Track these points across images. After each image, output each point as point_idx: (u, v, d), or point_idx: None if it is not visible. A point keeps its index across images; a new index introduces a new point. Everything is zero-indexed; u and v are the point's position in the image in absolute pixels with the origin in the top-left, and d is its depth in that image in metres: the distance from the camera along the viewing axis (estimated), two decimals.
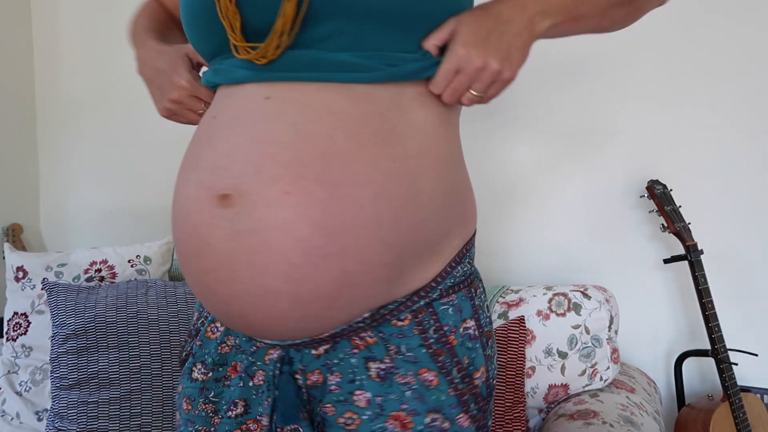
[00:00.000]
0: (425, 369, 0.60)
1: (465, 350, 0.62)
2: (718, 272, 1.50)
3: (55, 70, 2.22)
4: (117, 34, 2.13)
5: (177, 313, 1.40)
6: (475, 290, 0.65)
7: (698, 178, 1.52)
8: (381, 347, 0.60)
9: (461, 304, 0.63)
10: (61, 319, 1.35)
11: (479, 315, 0.64)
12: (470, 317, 0.63)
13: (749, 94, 1.47)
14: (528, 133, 1.65)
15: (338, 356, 0.61)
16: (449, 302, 0.62)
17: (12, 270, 1.54)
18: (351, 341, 0.60)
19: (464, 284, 0.64)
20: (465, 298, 0.63)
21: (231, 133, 0.56)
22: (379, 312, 0.59)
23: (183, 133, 2.21)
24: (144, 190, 2.13)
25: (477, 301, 0.65)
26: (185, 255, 0.59)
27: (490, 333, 0.66)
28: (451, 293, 0.62)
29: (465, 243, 0.65)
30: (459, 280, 0.63)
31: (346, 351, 0.61)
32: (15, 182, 2.17)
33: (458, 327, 0.62)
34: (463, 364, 0.61)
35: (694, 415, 1.39)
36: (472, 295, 0.64)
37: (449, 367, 0.60)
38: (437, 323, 0.61)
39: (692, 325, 1.56)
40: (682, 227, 1.39)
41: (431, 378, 0.60)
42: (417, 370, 0.59)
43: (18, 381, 1.46)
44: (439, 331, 0.61)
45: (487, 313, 0.67)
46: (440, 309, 0.61)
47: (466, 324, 0.63)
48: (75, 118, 2.21)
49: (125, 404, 1.31)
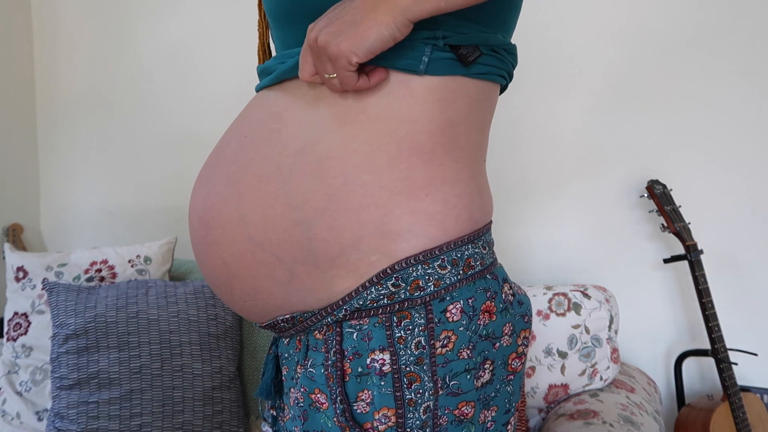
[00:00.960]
0: (318, 390, 0.57)
1: (366, 384, 0.55)
2: (718, 272, 1.50)
3: (55, 70, 2.22)
4: (117, 34, 2.14)
5: (177, 313, 1.40)
6: (401, 320, 0.55)
7: (698, 178, 1.52)
8: (302, 354, 0.61)
9: (372, 331, 0.55)
10: (62, 319, 1.35)
11: (397, 350, 0.55)
12: (381, 349, 0.55)
13: (749, 94, 1.47)
14: (528, 134, 1.65)
15: (289, 351, 0.64)
16: (357, 326, 0.56)
17: (12, 270, 1.54)
18: (296, 340, 0.62)
19: (385, 309, 0.55)
20: (380, 326, 0.55)
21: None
22: (296, 318, 0.59)
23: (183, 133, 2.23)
24: (144, 190, 2.13)
25: (401, 333, 0.55)
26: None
27: (413, 374, 0.55)
28: (363, 316, 0.55)
29: (392, 263, 0.55)
30: (378, 303, 0.55)
31: (294, 346, 0.63)
32: (15, 182, 2.17)
33: (362, 356, 0.55)
34: (351, 396, 0.55)
35: (694, 415, 1.39)
36: (392, 324, 0.55)
37: (334, 396, 0.55)
38: (338, 345, 0.56)
39: (692, 324, 1.56)
40: (682, 227, 1.39)
41: (323, 401, 0.56)
42: (312, 389, 0.57)
43: (18, 381, 1.46)
44: (337, 354, 0.56)
45: (415, 352, 0.55)
46: (346, 330, 0.56)
47: (374, 355, 0.55)
48: (75, 118, 2.21)
49: (125, 404, 1.31)
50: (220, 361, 1.41)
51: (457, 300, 0.57)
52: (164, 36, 2.06)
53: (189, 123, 2.05)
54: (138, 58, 2.10)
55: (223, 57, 1.98)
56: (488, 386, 0.60)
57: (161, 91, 2.08)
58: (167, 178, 2.10)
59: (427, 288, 0.56)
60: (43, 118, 2.25)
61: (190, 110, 2.04)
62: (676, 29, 1.51)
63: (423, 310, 0.56)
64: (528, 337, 0.64)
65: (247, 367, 1.53)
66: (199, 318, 1.42)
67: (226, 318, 1.45)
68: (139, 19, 2.09)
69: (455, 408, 0.57)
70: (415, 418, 0.56)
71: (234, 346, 1.46)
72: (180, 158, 2.07)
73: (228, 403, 1.41)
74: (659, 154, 1.54)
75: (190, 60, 2.03)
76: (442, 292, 0.56)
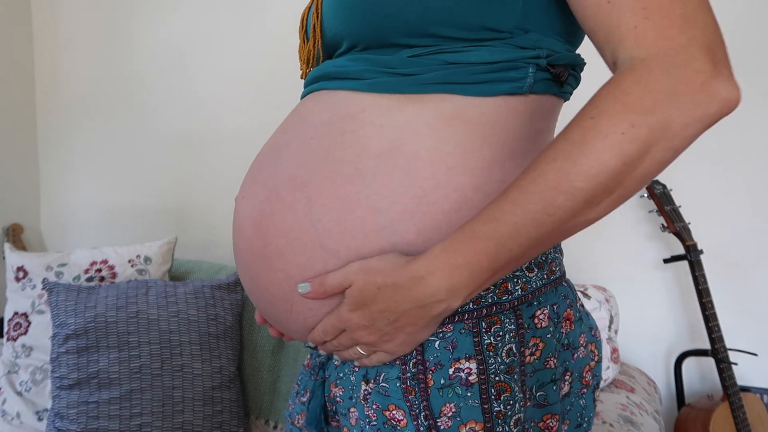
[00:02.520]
0: (394, 405, 0.52)
1: (449, 396, 0.51)
2: (718, 272, 1.50)
3: (55, 70, 2.22)
4: (117, 35, 2.14)
5: (177, 313, 1.40)
6: (491, 326, 0.53)
7: (698, 178, 1.52)
8: (372, 369, 0.55)
9: (457, 338, 0.52)
10: (62, 319, 1.35)
11: (486, 358, 0.52)
12: (468, 357, 0.52)
13: (749, 94, 1.47)
14: None
15: (344, 370, 0.58)
16: (439, 333, 0.52)
17: (12, 270, 1.54)
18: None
19: (472, 315, 0.52)
20: (466, 332, 0.52)
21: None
22: None
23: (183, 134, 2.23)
24: (144, 190, 2.13)
25: (489, 339, 0.52)
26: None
27: (503, 384, 0.52)
28: (446, 323, 0.52)
29: None
30: (461, 309, 0.52)
31: (350, 366, 0.58)
32: (15, 182, 2.17)
33: (444, 366, 0.52)
34: (435, 411, 0.51)
35: (694, 415, 1.39)
36: (480, 331, 0.52)
37: (417, 411, 0.51)
38: (419, 355, 0.52)
39: (692, 325, 1.56)
40: (682, 227, 1.39)
41: (400, 417, 0.52)
42: (385, 405, 0.53)
43: (18, 381, 1.46)
44: (418, 366, 0.52)
45: (506, 360, 0.52)
46: (426, 340, 0.53)
47: (459, 364, 0.51)
48: (75, 118, 2.21)
49: (125, 404, 1.31)
50: (220, 361, 1.41)
51: (544, 305, 0.55)
52: (164, 36, 2.06)
53: (189, 123, 2.05)
54: (138, 58, 2.10)
55: (223, 57, 1.98)
56: (566, 399, 0.59)
57: (161, 91, 2.08)
58: (167, 178, 2.09)
59: (515, 292, 0.54)
60: (43, 118, 2.25)
61: (190, 110, 2.04)
62: None
63: (512, 315, 0.53)
64: (595, 352, 0.62)
65: (247, 367, 1.53)
66: (199, 318, 1.42)
67: (226, 318, 1.45)
68: (139, 20, 2.09)
69: (540, 420, 0.55)
70: (505, 431, 0.52)
71: (234, 346, 1.46)
72: (180, 158, 2.07)
73: (228, 403, 1.41)
74: None
75: (190, 60, 2.03)
76: (530, 297, 0.54)
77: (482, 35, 0.53)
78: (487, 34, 0.53)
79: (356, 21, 0.56)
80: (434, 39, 0.54)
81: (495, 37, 0.54)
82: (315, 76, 0.61)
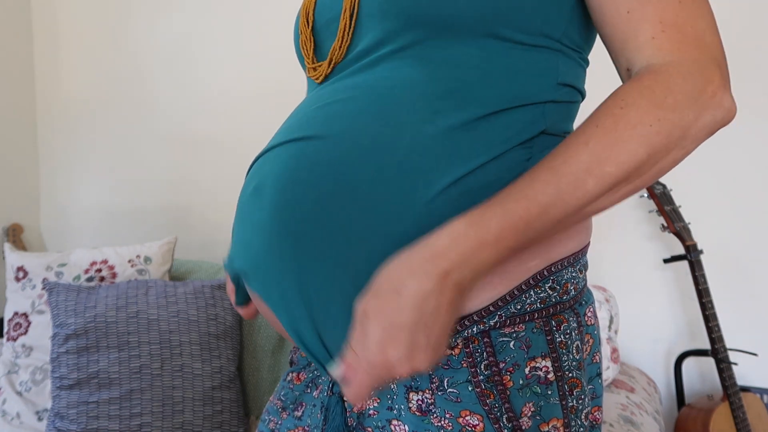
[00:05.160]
0: (468, 411, 0.50)
1: (527, 396, 0.51)
2: (718, 272, 1.50)
3: (55, 70, 2.22)
4: (117, 34, 2.14)
5: (177, 313, 1.40)
6: (559, 324, 0.53)
7: (698, 178, 1.52)
8: (425, 377, 0.52)
9: (530, 337, 0.52)
10: (62, 319, 1.35)
11: (560, 355, 0.52)
12: (543, 356, 0.52)
13: (749, 94, 1.47)
14: None
15: None
16: (512, 333, 0.51)
17: (12, 270, 1.54)
18: None
19: (541, 314, 0.52)
20: (539, 331, 0.52)
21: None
22: None
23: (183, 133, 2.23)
24: (144, 190, 2.13)
25: (561, 337, 0.53)
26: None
27: (575, 380, 0.53)
28: (518, 322, 0.52)
29: (548, 264, 0.53)
30: (532, 308, 0.52)
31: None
32: (15, 182, 2.17)
33: (521, 366, 0.51)
34: (516, 412, 0.50)
35: (694, 415, 1.39)
36: (552, 329, 0.52)
37: (497, 413, 0.50)
38: (491, 357, 0.51)
39: (692, 325, 1.56)
40: (682, 227, 1.39)
41: (475, 422, 0.50)
42: (457, 412, 0.51)
43: (18, 381, 1.46)
44: (492, 368, 0.51)
45: (576, 356, 0.53)
46: (498, 340, 0.51)
47: (535, 363, 0.51)
48: (75, 118, 2.21)
49: (125, 404, 1.31)
50: (220, 361, 1.41)
51: (590, 304, 0.58)
52: (164, 36, 2.06)
53: (189, 123, 2.05)
54: (138, 58, 2.10)
55: (223, 57, 1.98)
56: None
57: (161, 91, 2.08)
58: (167, 178, 2.09)
59: (571, 291, 0.55)
60: (43, 118, 2.25)
61: (190, 110, 2.04)
62: None
63: (572, 314, 0.54)
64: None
65: (247, 367, 1.53)
66: (199, 318, 1.42)
67: (226, 318, 1.45)
68: (139, 19, 2.09)
69: (590, 413, 0.57)
70: (578, 425, 0.54)
71: (234, 346, 1.46)
72: (180, 158, 2.07)
73: (228, 403, 1.41)
74: None
75: (190, 60, 2.03)
76: (579, 296, 0.56)
77: (538, 41, 0.54)
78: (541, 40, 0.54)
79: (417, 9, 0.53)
80: (495, 40, 0.53)
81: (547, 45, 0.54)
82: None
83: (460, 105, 0.52)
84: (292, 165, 0.54)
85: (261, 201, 0.55)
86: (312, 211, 0.51)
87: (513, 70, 0.53)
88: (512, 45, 0.53)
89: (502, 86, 0.53)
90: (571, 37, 0.56)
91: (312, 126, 0.55)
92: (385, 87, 0.53)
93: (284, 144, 0.57)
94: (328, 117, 0.54)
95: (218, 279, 1.51)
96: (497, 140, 0.52)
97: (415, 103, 0.52)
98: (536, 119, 0.54)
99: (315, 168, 0.52)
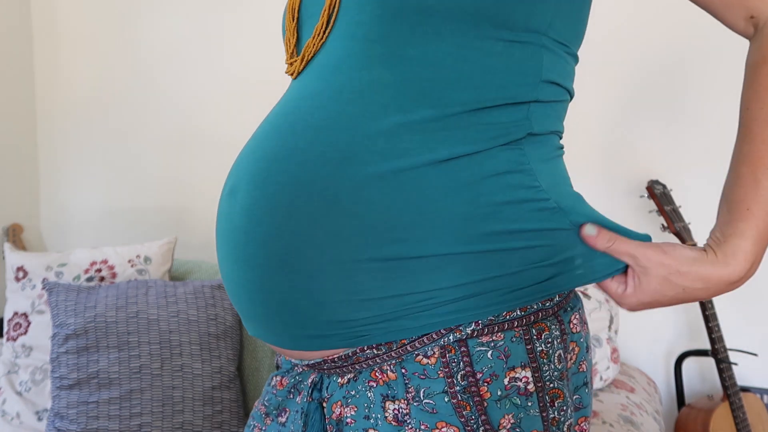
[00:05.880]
0: (444, 423, 0.49)
1: (506, 408, 0.50)
2: None
3: (55, 70, 2.22)
4: (117, 34, 2.14)
5: (177, 313, 1.40)
6: (540, 333, 0.51)
7: (698, 178, 1.52)
8: (401, 386, 0.51)
9: (509, 347, 0.50)
10: (61, 319, 1.35)
11: (540, 365, 0.51)
12: (523, 366, 0.50)
13: None
14: None
15: (357, 387, 0.55)
16: (490, 343, 0.50)
17: (12, 270, 1.54)
18: (371, 373, 0.54)
19: (521, 322, 0.51)
20: (518, 340, 0.50)
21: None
22: (394, 344, 0.52)
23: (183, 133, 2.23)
24: (144, 190, 2.13)
25: (542, 346, 0.51)
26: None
27: (557, 390, 0.52)
28: (496, 331, 0.50)
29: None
30: (511, 315, 0.50)
31: (365, 383, 0.54)
32: (15, 182, 2.17)
33: (499, 376, 0.50)
34: (494, 425, 0.49)
35: (694, 415, 1.39)
36: (532, 338, 0.51)
37: (474, 426, 0.49)
38: (468, 367, 0.50)
39: (692, 325, 1.56)
40: (682, 227, 1.39)
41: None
42: (433, 424, 0.50)
43: (18, 381, 1.46)
44: (468, 378, 0.50)
45: (558, 365, 0.52)
46: (475, 350, 0.50)
47: (515, 374, 0.50)
48: (75, 118, 2.21)
49: (125, 404, 1.31)
50: (220, 361, 1.41)
51: (576, 310, 0.56)
52: (164, 35, 2.06)
53: (189, 123, 2.05)
54: (138, 58, 2.10)
55: (222, 57, 1.98)
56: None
57: (161, 91, 2.08)
58: (167, 178, 2.09)
59: (555, 298, 0.53)
60: (43, 118, 2.25)
61: (190, 110, 2.04)
62: (678, 31, 1.51)
63: (555, 321, 0.53)
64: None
65: (247, 367, 1.53)
66: (199, 318, 1.42)
67: (226, 318, 1.45)
68: (139, 19, 2.09)
69: (576, 424, 0.55)
70: None
71: (234, 346, 1.46)
72: (180, 158, 2.07)
73: (228, 403, 1.41)
74: (659, 154, 1.54)
75: (190, 60, 2.03)
76: (564, 303, 0.54)
77: (520, 37, 0.52)
78: (525, 36, 0.52)
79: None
80: (474, 36, 0.51)
81: (530, 41, 0.53)
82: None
83: (433, 105, 0.51)
84: (262, 167, 0.54)
85: (235, 202, 0.56)
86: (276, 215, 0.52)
87: (491, 70, 0.51)
88: (492, 42, 0.51)
89: (479, 87, 0.51)
90: (557, 30, 0.54)
91: (280, 133, 0.55)
92: (352, 91, 0.52)
93: (256, 144, 0.57)
94: (294, 126, 0.54)
95: (218, 279, 1.51)
96: (477, 137, 0.50)
97: (387, 108, 0.51)
98: (520, 121, 0.52)
99: (280, 176, 0.53)
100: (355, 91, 0.52)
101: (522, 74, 0.52)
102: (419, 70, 0.51)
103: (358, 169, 0.49)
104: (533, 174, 0.52)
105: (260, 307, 0.55)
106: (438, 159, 0.49)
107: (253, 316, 0.57)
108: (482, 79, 0.51)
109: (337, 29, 0.56)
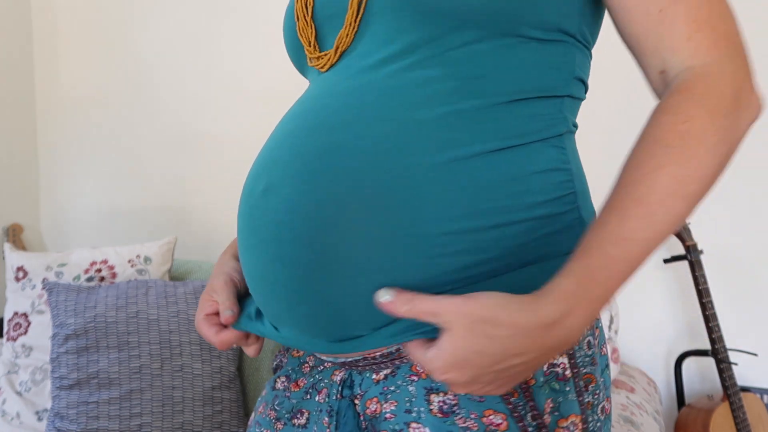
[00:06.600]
0: (491, 411, 0.50)
1: (547, 393, 0.51)
2: (718, 272, 1.50)
3: (55, 69, 2.22)
4: (117, 34, 2.14)
5: (177, 313, 1.40)
6: None
7: None
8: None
9: None
10: (61, 319, 1.35)
11: (574, 352, 0.52)
12: (560, 353, 0.51)
13: None
14: None
15: (396, 383, 0.54)
16: None
17: (12, 270, 1.54)
18: (412, 367, 0.54)
19: None
20: None
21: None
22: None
23: (183, 133, 2.23)
24: (144, 190, 2.13)
25: None
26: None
27: (590, 375, 0.53)
28: None
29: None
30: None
31: (405, 377, 0.54)
32: (15, 182, 2.17)
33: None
34: (539, 409, 0.50)
35: (694, 415, 1.39)
36: None
37: (522, 411, 0.50)
38: None
39: (692, 325, 1.56)
40: (682, 227, 1.40)
41: (499, 422, 0.50)
42: (481, 412, 0.50)
43: (18, 381, 1.46)
44: None
45: (588, 351, 0.54)
46: None
47: (553, 360, 0.51)
48: (75, 118, 2.21)
49: (125, 404, 1.31)
50: (220, 361, 1.41)
51: None
52: (164, 36, 2.06)
53: (189, 122, 2.05)
54: (138, 57, 2.10)
55: (222, 57, 1.98)
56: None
57: (162, 91, 2.08)
58: (167, 178, 2.09)
59: None
60: (43, 118, 2.25)
61: (190, 110, 2.04)
62: None
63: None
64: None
65: (247, 367, 1.53)
66: None
67: None
68: (139, 19, 2.09)
69: (604, 404, 0.58)
70: (595, 420, 0.53)
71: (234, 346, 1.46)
72: (181, 158, 2.07)
73: (228, 403, 1.41)
74: None
75: (190, 60, 2.03)
76: None
77: (554, 36, 0.53)
78: (558, 35, 0.54)
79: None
80: (510, 37, 0.52)
81: (563, 40, 0.54)
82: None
83: (477, 96, 0.51)
84: (307, 163, 0.52)
85: (274, 200, 0.54)
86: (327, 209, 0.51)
87: (529, 63, 0.52)
88: (527, 40, 0.52)
89: (518, 79, 0.52)
90: (582, 32, 0.56)
91: (318, 129, 0.54)
92: (394, 86, 0.52)
93: (294, 141, 0.55)
94: (344, 121, 0.53)
95: None
96: (523, 130, 0.51)
97: (431, 100, 0.51)
98: (558, 114, 0.54)
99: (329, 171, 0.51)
100: (397, 86, 0.52)
101: (557, 69, 0.54)
102: (460, 68, 0.52)
103: (411, 160, 0.49)
104: (571, 175, 0.55)
105: (302, 306, 0.53)
106: (488, 150, 0.50)
107: (289, 317, 0.55)
108: (520, 72, 0.52)
109: (372, 29, 0.55)
